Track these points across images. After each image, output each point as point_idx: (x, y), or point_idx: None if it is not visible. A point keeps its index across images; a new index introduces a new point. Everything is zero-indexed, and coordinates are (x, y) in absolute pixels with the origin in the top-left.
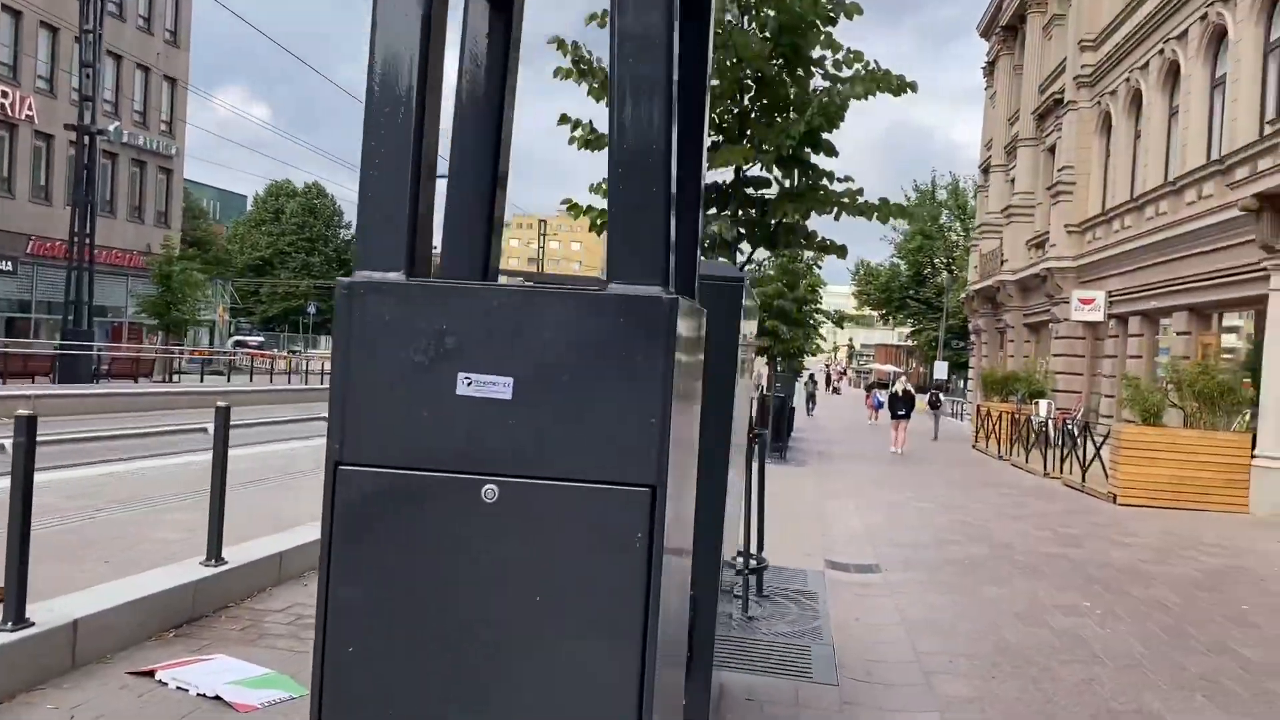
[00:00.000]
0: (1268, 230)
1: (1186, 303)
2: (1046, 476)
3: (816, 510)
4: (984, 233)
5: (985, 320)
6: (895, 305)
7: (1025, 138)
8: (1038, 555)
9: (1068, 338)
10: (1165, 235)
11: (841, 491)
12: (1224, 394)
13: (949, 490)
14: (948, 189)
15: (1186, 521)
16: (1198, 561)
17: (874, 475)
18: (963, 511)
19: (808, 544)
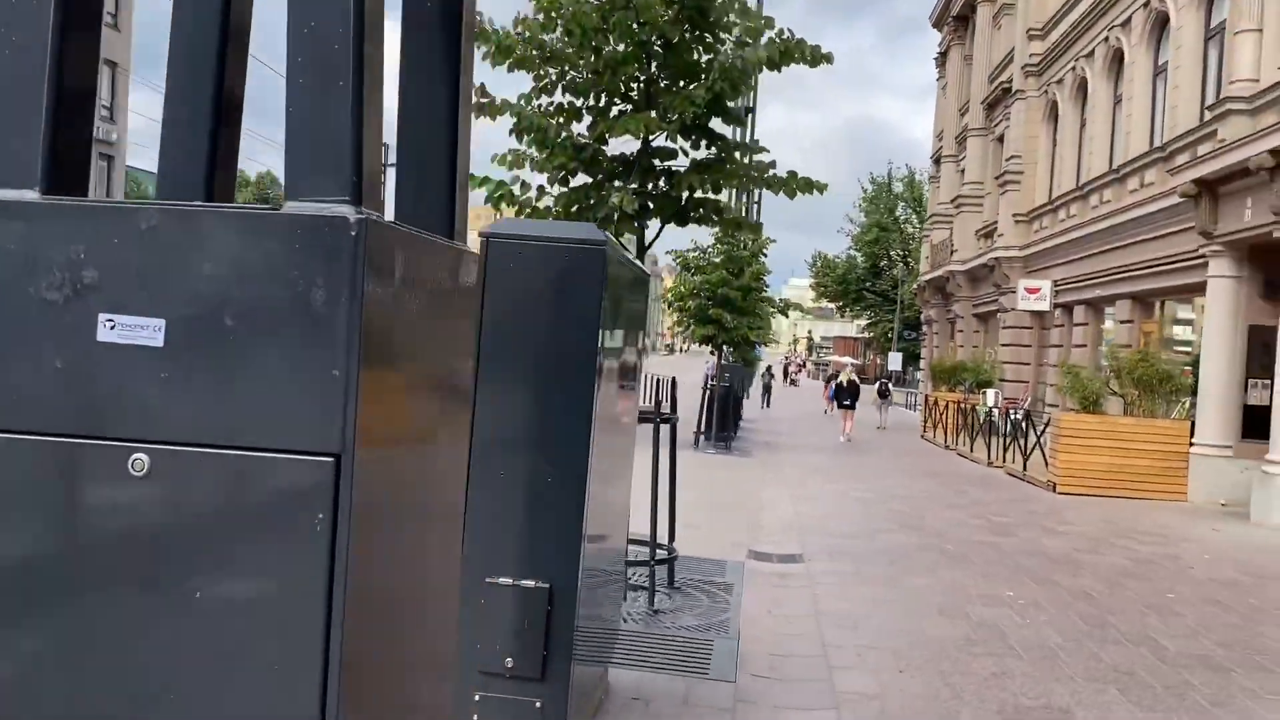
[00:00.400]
0: (1206, 216)
1: (1129, 291)
2: (990, 465)
3: (752, 500)
4: (935, 223)
5: (936, 311)
6: (852, 297)
7: (975, 128)
8: (969, 544)
9: (1015, 327)
10: (1109, 223)
11: (781, 481)
12: (1163, 381)
13: (890, 479)
14: (904, 182)
15: (1124, 510)
16: (1130, 550)
17: (818, 465)
18: (901, 500)
19: (735, 533)
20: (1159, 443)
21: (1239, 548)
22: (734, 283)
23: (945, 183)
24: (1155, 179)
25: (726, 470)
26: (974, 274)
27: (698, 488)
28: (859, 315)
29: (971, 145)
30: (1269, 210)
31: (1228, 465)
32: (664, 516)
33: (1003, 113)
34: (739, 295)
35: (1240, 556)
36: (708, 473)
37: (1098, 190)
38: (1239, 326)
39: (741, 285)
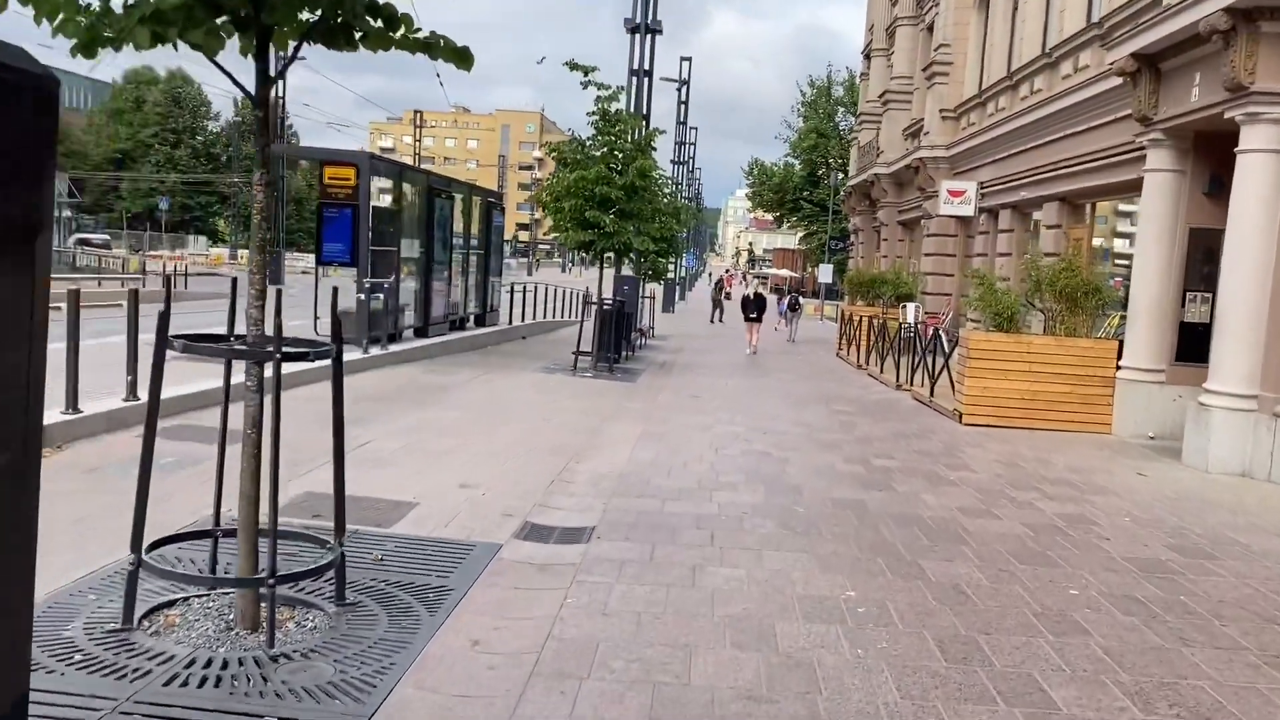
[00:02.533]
0: (1145, 99)
1: (1058, 192)
2: (899, 389)
3: (587, 440)
4: (863, 123)
5: (862, 219)
6: (789, 207)
7: (905, 16)
8: (827, 505)
9: (938, 235)
10: (1038, 115)
11: (642, 413)
12: (1090, 295)
13: (777, 407)
14: (844, 86)
15: (1036, 446)
16: (1032, 509)
17: (703, 388)
18: (772, 438)
19: (528, 493)
20: (1082, 366)
21: (1168, 503)
22: (615, 180)
23: (875, 80)
24: (1090, 61)
25: (584, 399)
26: (899, 177)
27: (527, 423)
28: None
29: (901, 36)
30: (1221, 86)
31: (1158, 393)
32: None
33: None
34: (621, 195)
35: (1170, 519)
36: (557, 403)
37: (1028, 79)
38: (1178, 229)
39: (625, 182)
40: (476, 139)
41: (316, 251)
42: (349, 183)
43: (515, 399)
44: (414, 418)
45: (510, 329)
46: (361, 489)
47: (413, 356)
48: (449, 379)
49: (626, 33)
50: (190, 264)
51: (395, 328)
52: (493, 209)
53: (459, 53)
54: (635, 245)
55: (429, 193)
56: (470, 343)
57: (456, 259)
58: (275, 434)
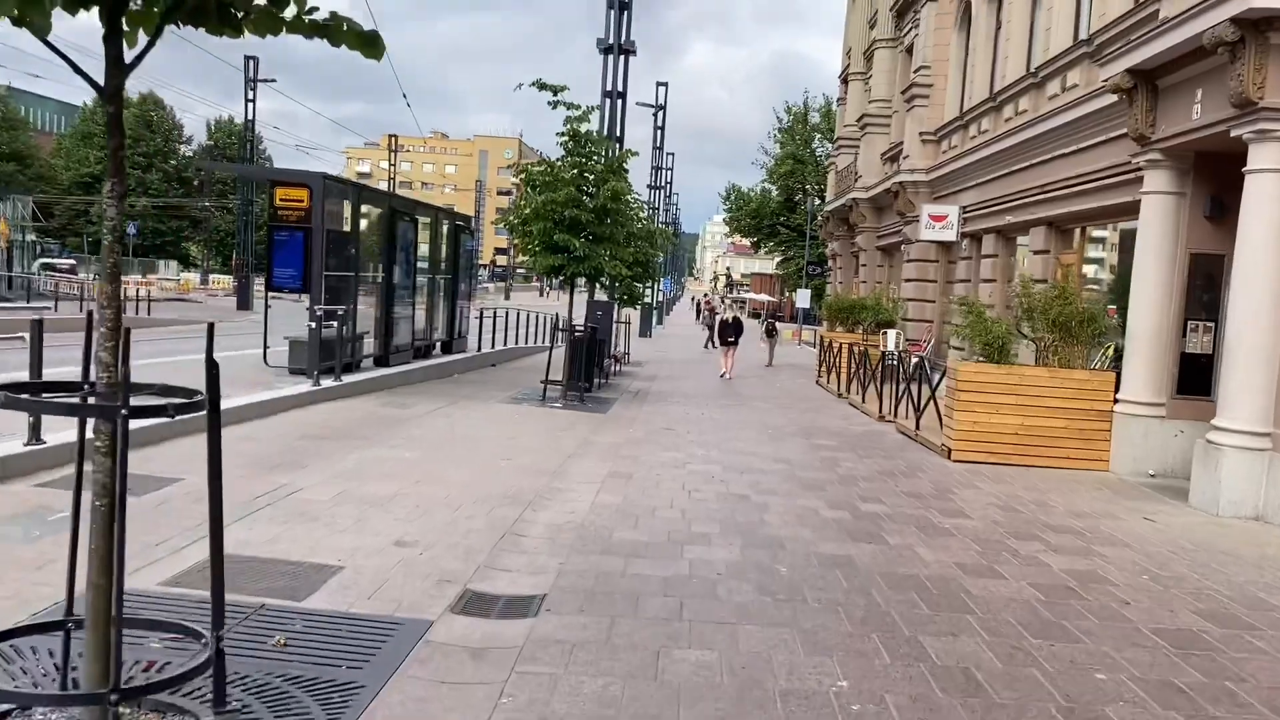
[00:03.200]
0: (1142, 116)
1: (1045, 216)
2: (882, 420)
3: (547, 482)
4: (841, 147)
5: (840, 244)
6: (766, 233)
7: (883, 39)
8: (811, 563)
9: (919, 260)
10: (1024, 137)
11: (610, 449)
12: (1085, 324)
13: (755, 440)
14: (820, 112)
15: (1034, 486)
16: (1038, 565)
17: (676, 420)
18: (749, 477)
19: (471, 552)
20: (1077, 400)
21: (1185, 556)
22: (586, 203)
23: (853, 103)
24: (1079, 80)
25: (550, 434)
26: (878, 202)
27: (484, 463)
28: (774, 251)
29: (879, 58)
30: (1227, 102)
31: (1159, 428)
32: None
33: (912, 19)
34: (592, 218)
35: (1192, 576)
36: (520, 438)
37: (1012, 99)
38: (1178, 254)
39: (596, 205)
40: (454, 164)
41: (266, 277)
42: (301, 205)
43: (475, 434)
44: (357, 458)
45: (480, 356)
46: (278, 549)
47: (370, 387)
48: (406, 412)
49: (599, 53)
50: (158, 289)
51: (353, 356)
52: (461, 232)
53: (365, 38)
54: (607, 270)
55: (391, 215)
56: (436, 371)
57: (422, 284)
58: (121, 506)
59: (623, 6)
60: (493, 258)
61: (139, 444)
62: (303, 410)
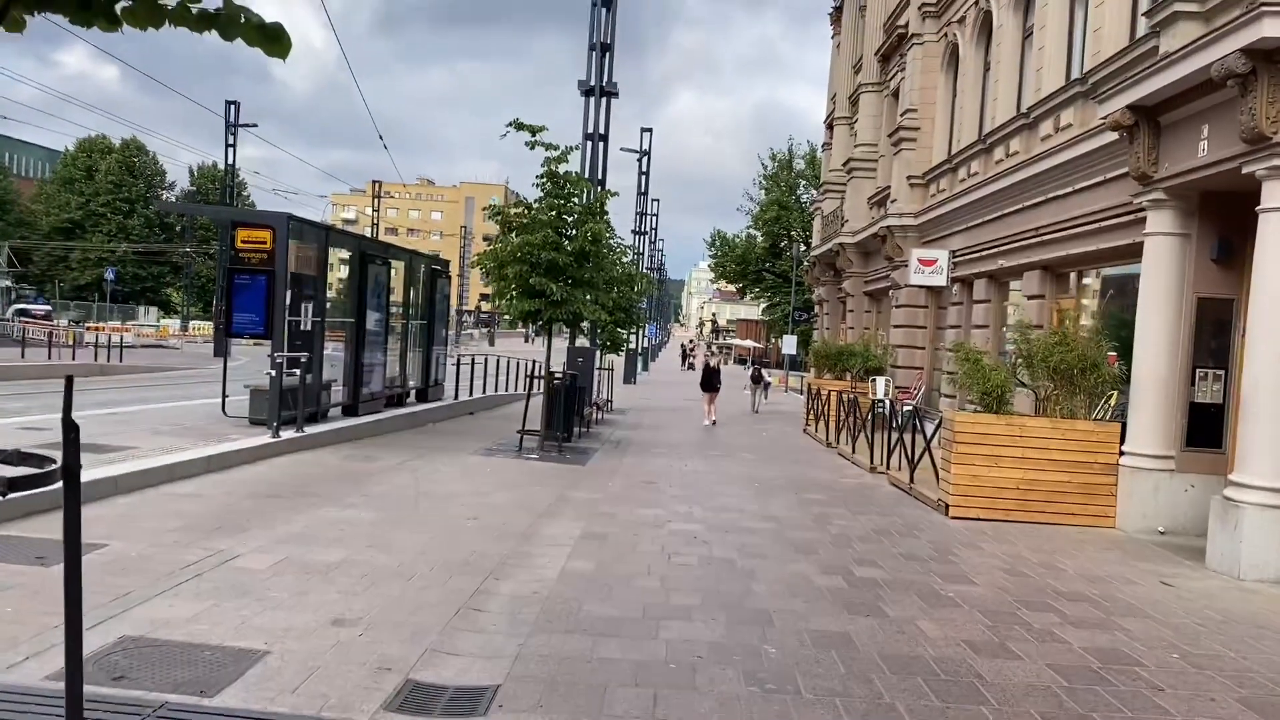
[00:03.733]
0: (1144, 154)
1: (1039, 260)
2: (873, 471)
3: (512, 548)
4: (826, 192)
5: (827, 289)
6: (751, 278)
7: (869, 83)
8: (803, 642)
9: (908, 306)
10: (1016, 179)
11: (586, 505)
12: (1087, 371)
13: (741, 496)
14: (805, 159)
15: (1039, 546)
16: (1056, 642)
17: (658, 472)
18: (735, 538)
19: (419, 631)
20: (1081, 452)
21: (1215, 629)
22: (564, 245)
23: (838, 148)
24: (1074, 119)
25: (523, 488)
26: (865, 247)
27: (447, 523)
28: (759, 297)
29: (865, 103)
30: (1237, 138)
31: (1168, 482)
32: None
33: (898, 63)
34: (571, 261)
35: (1227, 655)
36: (490, 494)
37: (1003, 141)
38: (1184, 299)
39: (575, 248)
40: (441, 211)
41: (225, 322)
42: (264, 246)
43: (441, 490)
44: (306, 520)
45: (457, 404)
46: (198, 630)
47: (335, 439)
48: (370, 466)
49: (581, 95)
50: (136, 335)
51: (319, 406)
52: (438, 276)
53: (266, 32)
54: (587, 315)
55: (362, 258)
56: (409, 421)
57: (395, 329)
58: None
59: (604, 49)
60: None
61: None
62: (257, 465)
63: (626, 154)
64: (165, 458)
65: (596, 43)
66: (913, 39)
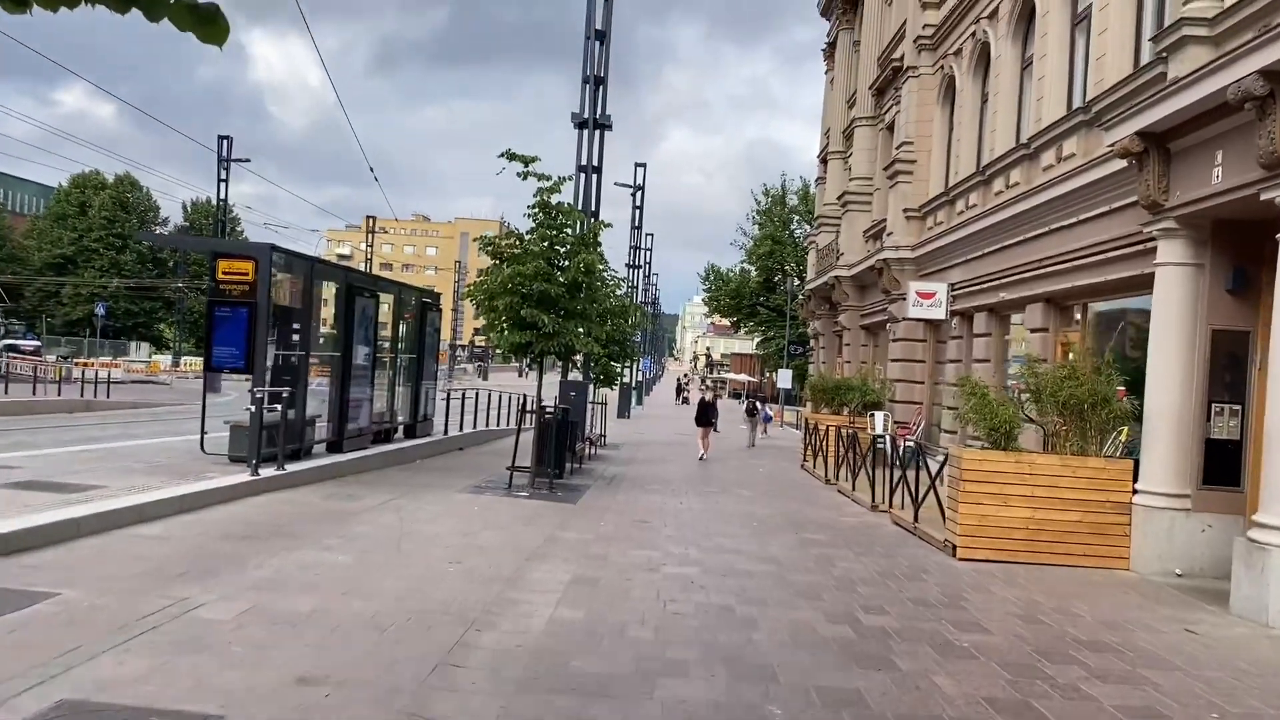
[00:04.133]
0: (1154, 182)
1: (1042, 292)
2: (875, 509)
3: (497, 593)
4: (821, 226)
5: (823, 323)
6: (746, 313)
7: (863, 116)
8: (811, 703)
9: (906, 340)
10: (1016, 210)
11: (577, 547)
12: (1097, 406)
13: (739, 535)
14: (798, 195)
15: (1053, 589)
16: (1084, 699)
17: (653, 510)
18: (734, 582)
19: (392, 691)
20: (1093, 490)
21: (1251, 682)
22: (558, 277)
23: (832, 182)
24: (1076, 149)
25: (512, 528)
26: (861, 280)
27: (429, 566)
28: (753, 331)
29: (859, 136)
30: (1255, 163)
31: (1184, 522)
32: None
33: (893, 96)
34: (563, 292)
35: (1269, 712)
36: (477, 534)
37: (1002, 172)
38: (1198, 331)
39: (567, 278)
40: (436, 246)
41: (205, 356)
42: (246, 278)
43: (425, 531)
44: (279, 564)
45: (447, 440)
46: (146, 691)
47: (319, 476)
48: (351, 505)
49: (574, 128)
50: (126, 371)
51: (302, 442)
52: (428, 310)
53: (200, 15)
54: (580, 347)
55: (349, 291)
56: (396, 457)
57: (382, 364)
58: None
59: (597, 81)
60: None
61: (27, 547)
62: (233, 505)
63: (621, 189)
64: (133, 497)
65: (590, 76)
66: (908, 72)
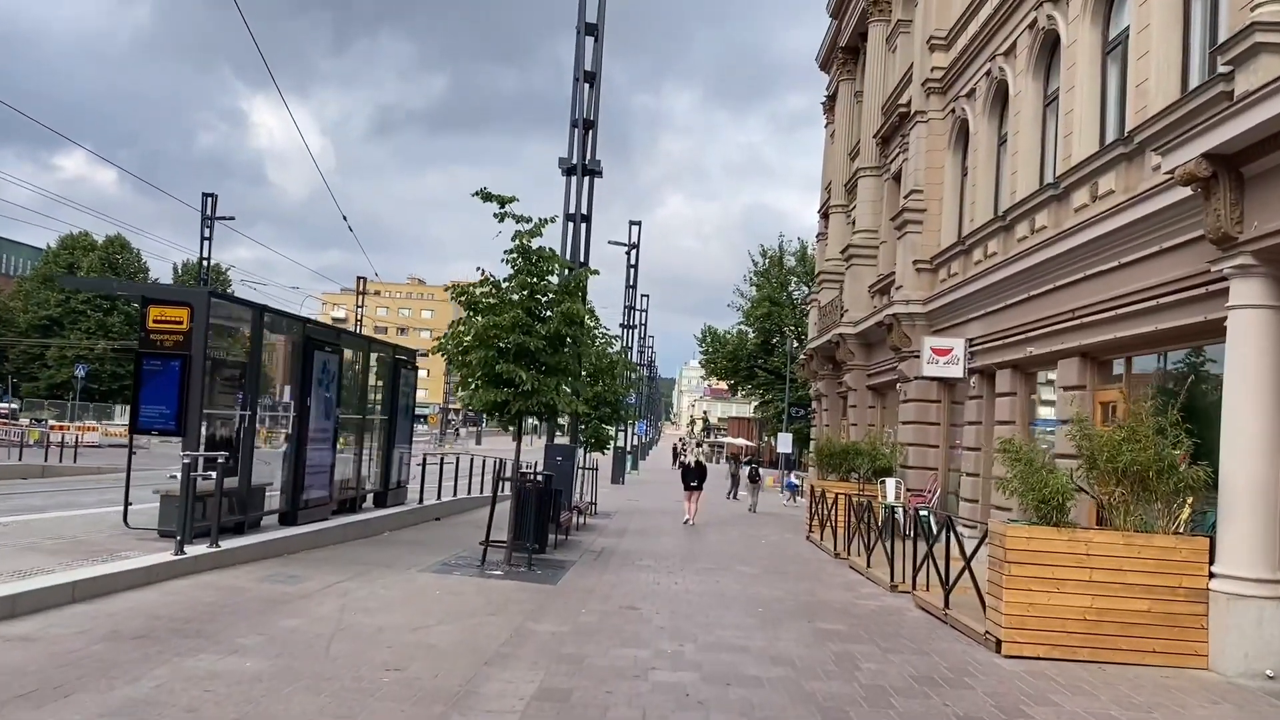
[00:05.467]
0: (1225, 212)
1: (1077, 345)
2: (894, 590)
3: (440, 713)
4: (823, 283)
5: (826, 383)
6: (743, 375)
7: (867, 167)
8: None
9: (918, 400)
10: (1044, 256)
11: (549, 646)
12: (1163, 474)
13: (742, 627)
14: (796, 256)
15: (1124, 697)
16: None
17: (643, 593)
18: (741, 693)
19: None
20: (1161, 573)
21: None
22: (539, 330)
23: (834, 237)
24: (1115, 185)
25: (473, 618)
26: (867, 337)
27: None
28: (751, 395)
29: (863, 188)
30: None
31: (1275, 613)
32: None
33: (899, 144)
34: (543, 345)
35: None
36: (427, 629)
37: (1026, 216)
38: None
39: (548, 331)
40: (431, 309)
41: (131, 416)
42: (179, 327)
43: (368, 624)
44: (164, 676)
45: (422, 509)
46: None
47: (262, 554)
48: (290, 589)
49: (562, 174)
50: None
51: (247, 514)
52: (401, 367)
53: None
54: (562, 407)
55: (306, 344)
56: (360, 530)
57: (348, 426)
58: None
59: (587, 125)
60: None
61: None
62: (144, 591)
63: (615, 250)
64: (10, 585)
65: (579, 119)
66: (916, 117)
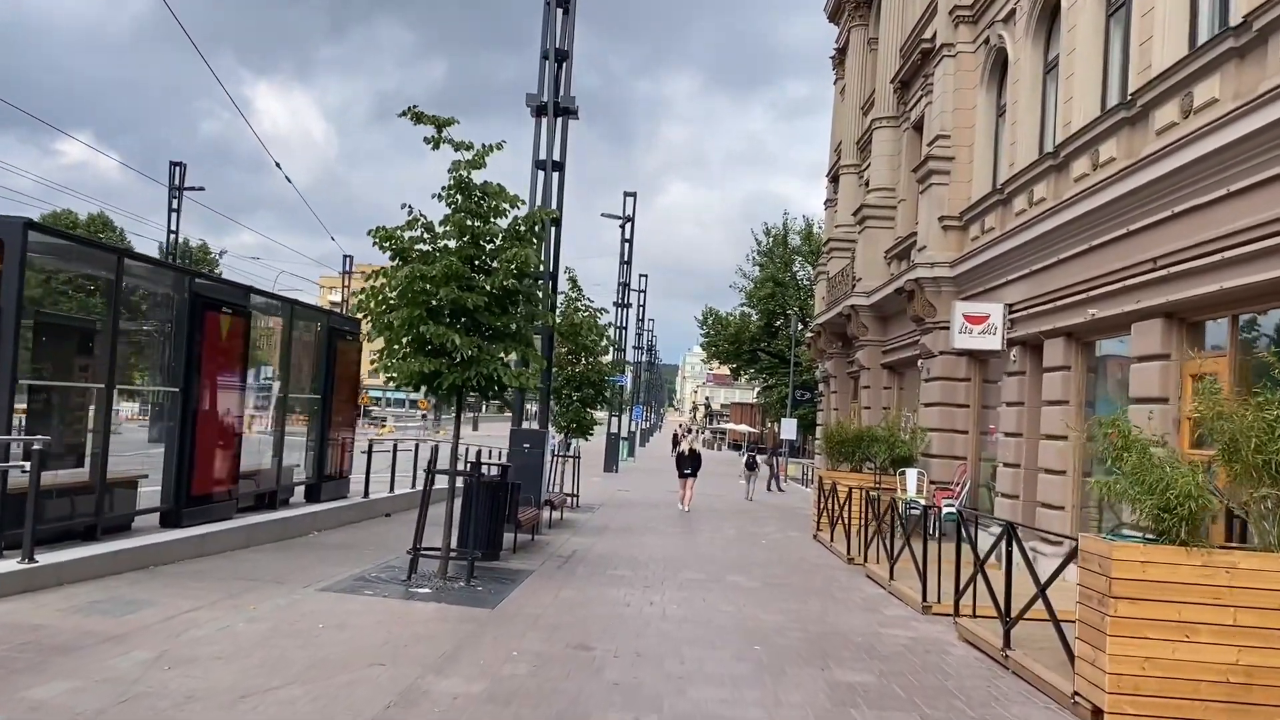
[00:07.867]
0: None
1: (1159, 304)
2: (927, 611)
3: None
4: (833, 252)
5: (835, 363)
6: (746, 359)
7: (883, 117)
8: None
9: (944, 379)
10: (1113, 194)
11: (455, 710)
12: None
13: (735, 674)
14: (800, 235)
15: None
16: None
17: (606, 620)
18: None
19: None
20: None
21: None
22: (479, 281)
23: (845, 201)
24: (1221, 92)
25: (346, 671)
26: (883, 308)
27: None
28: (754, 379)
29: (879, 141)
30: None
31: None
32: None
33: (922, 86)
34: (485, 304)
35: None
36: (270, 690)
37: (1087, 149)
38: None
39: (493, 285)
40: None
41: None
42: None
43: (174, 689)
44: None
45: (365, 504)
46: None
47: (102, 569)
48: (109, 624)
49: (531, 115)
50: None
51: (98, 516)
52: (337, 338)
53: None
54: (507, 381)
55: (195, 303)
56: (277, 531)
57: (262, 405)
58: None
59: (560, 57)
60: None
61: None
62: None
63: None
64: None
65: (550, 49)
66: (942, 51)
